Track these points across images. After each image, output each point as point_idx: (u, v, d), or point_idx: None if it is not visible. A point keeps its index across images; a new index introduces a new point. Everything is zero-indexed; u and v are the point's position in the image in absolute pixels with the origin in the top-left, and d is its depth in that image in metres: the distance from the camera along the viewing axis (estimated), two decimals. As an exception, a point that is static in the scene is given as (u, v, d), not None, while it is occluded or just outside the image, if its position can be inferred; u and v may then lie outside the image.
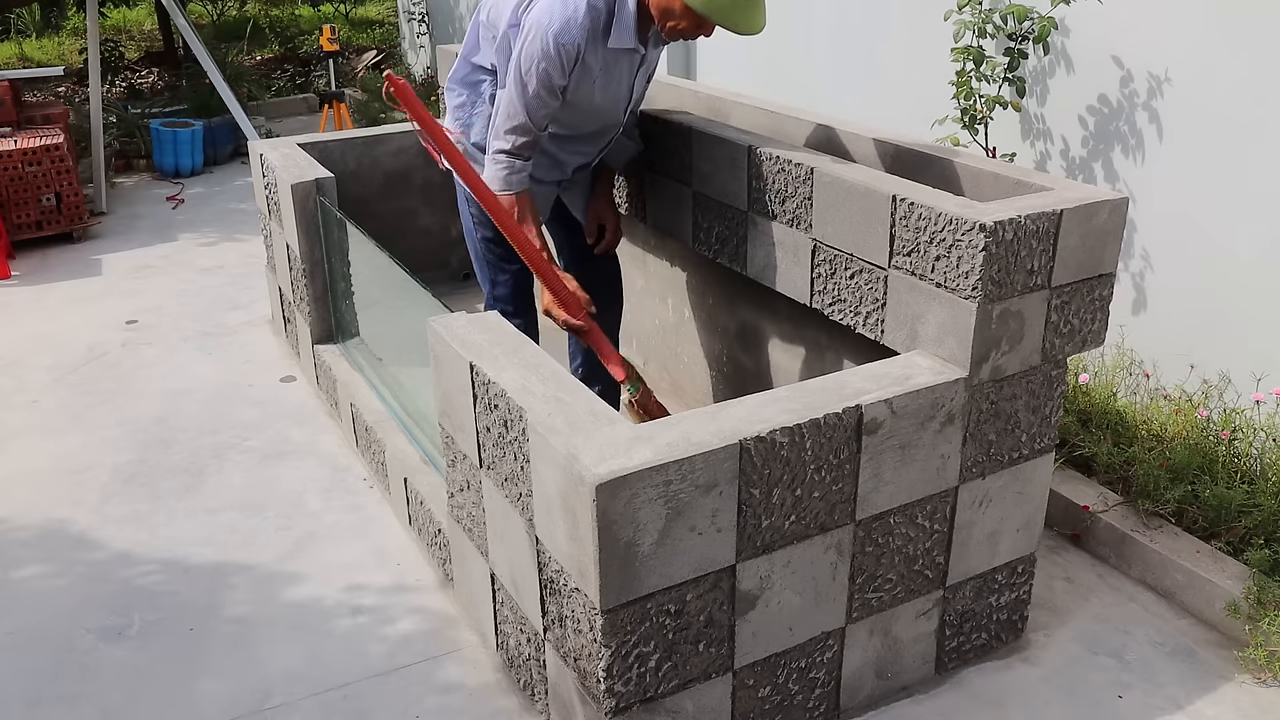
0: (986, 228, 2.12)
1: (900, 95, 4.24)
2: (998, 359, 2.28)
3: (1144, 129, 3.36)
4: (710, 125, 3.02)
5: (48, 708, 2.54)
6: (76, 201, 5.82)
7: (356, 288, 3.77)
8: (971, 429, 2.32)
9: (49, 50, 11.52)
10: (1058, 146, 3.67)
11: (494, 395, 2.23)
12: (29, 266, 5.51)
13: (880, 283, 2.42)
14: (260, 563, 3.07)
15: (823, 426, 2.09)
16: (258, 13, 12.48)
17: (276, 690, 2.58)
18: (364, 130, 4.62)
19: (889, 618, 2.41)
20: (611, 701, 2.06)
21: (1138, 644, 2.70)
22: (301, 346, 4.22)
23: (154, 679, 2.63)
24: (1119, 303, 3.45)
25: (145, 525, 3.26)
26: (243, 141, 7.40)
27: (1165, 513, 2.95)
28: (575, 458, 1.92)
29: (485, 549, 2.53)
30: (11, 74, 6.85)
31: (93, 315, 4.87)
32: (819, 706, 2.39)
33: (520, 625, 2.42)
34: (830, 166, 2.54)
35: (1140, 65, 3.34)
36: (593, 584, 1.96)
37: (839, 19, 4.55)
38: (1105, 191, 2.32)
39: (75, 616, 2.85)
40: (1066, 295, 2.30)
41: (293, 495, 3.40)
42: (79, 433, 3.82)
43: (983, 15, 3.48)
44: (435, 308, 2.76)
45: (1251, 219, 3.10)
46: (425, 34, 9.54)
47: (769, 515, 2.10)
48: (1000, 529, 2.50)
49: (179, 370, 4.31)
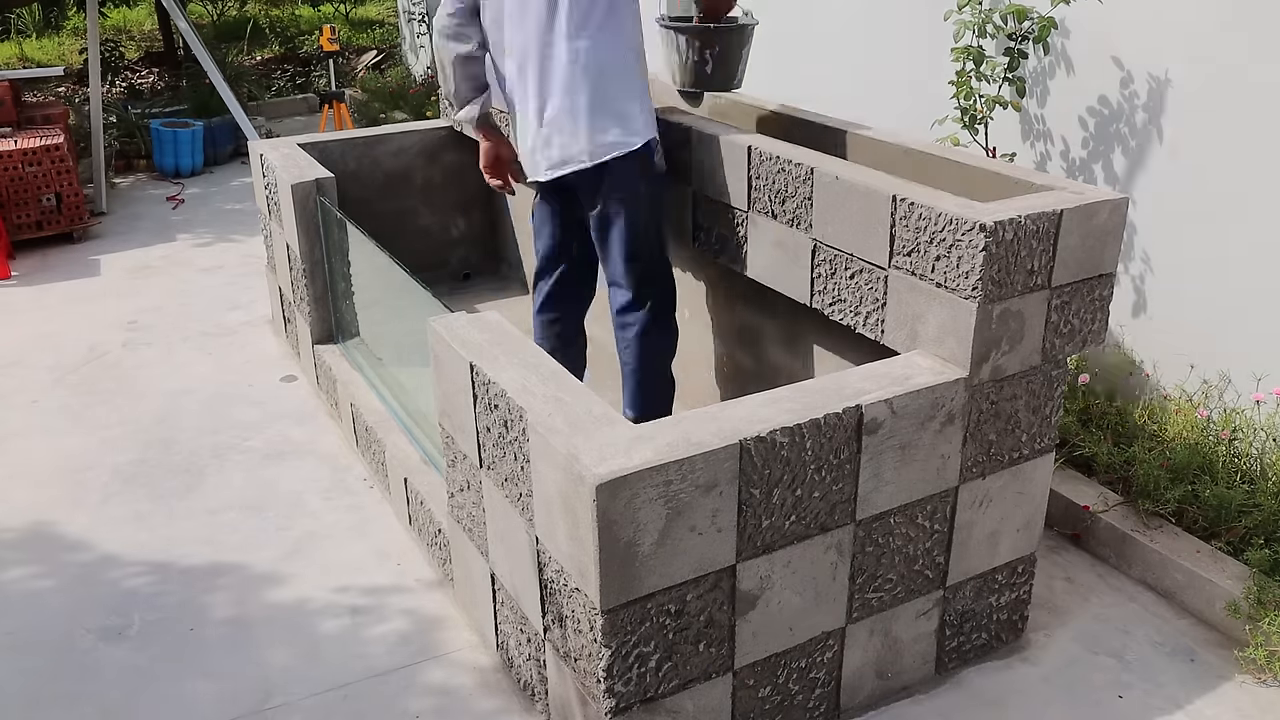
0: (987, 228, 2.12)
1: (900, 95, 4.23)
2: (998, 359, 2.28)
3: (1144, 129, 3.36)
4: (710, 125, 3.02)
5: (48, 708, 2.54)
6: (76, 201, 5.82)
7: (356, 288, 3.77)
8: (972, 429, 2.32)
9: (49, 50, 11.52)
10: (1058, 147, 3.67)
11: (494, 395, 2.23)
12: (29, 266, 5.51)
13: (880, 283, 2.42)
14: (260, 563, 3.07)
15: (823, 426, 2.09)
16: (258, 13, 12.47)
17: (276, 690, 2.58)
18: (364, 130, 4.62)
19: (889, 618, 2.41)
20: (611, 702, 2.06)
21: (1138, 644, 2.70)
22: (301, 346, 4.22)
23: (153, 679, 2.63)
24: (1119, 303, 3.46)
25: (145, 525, 3.26)
26: (243, 141, 7.41)
27: (1165, 513, 2.95)
28: (575, 458, 1.92)
29: (485, 549, 2.53)
30: (11, 74, 6.85)
31: (93, 315, 4.88)
32: (819, 706, 2.39)
33: (520, 625, 2.42)
34: (830, 166, 2.54)
35: (1140, 66, 3.34)
36: (593, 584, 1.96)
37: (839, 19, 4.55)
38: (1105, 191, 2.32)
39: (75, 616, 2.85)
40: (1067, 295, 2.30)
41: (293, 495, 3.40)
42: (79, 433, 3.82)
43: (983, 15, 3.48)
44: (435, 308, 2.76)
45: (1251, 219, 3.10)
46: (425, 34, 9.54)
47: (769, 515, 2.10)
48: (1000, 529, 2.50)
49: (179, 370, 4.31)
